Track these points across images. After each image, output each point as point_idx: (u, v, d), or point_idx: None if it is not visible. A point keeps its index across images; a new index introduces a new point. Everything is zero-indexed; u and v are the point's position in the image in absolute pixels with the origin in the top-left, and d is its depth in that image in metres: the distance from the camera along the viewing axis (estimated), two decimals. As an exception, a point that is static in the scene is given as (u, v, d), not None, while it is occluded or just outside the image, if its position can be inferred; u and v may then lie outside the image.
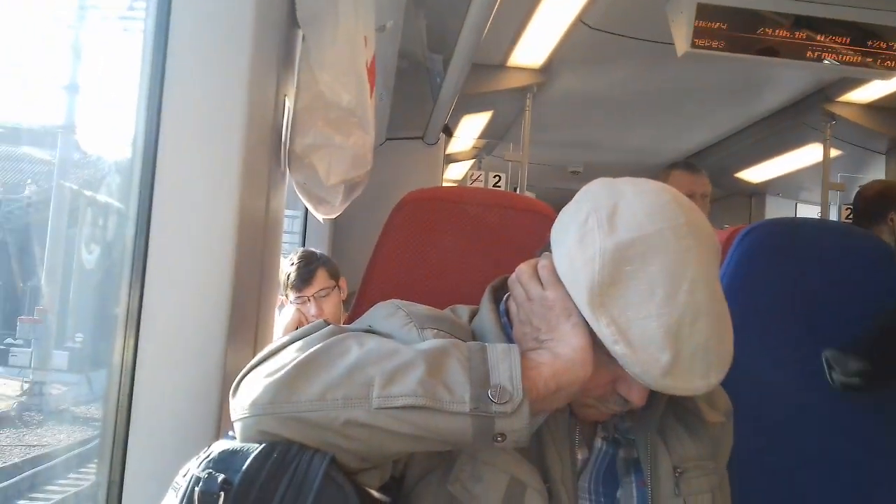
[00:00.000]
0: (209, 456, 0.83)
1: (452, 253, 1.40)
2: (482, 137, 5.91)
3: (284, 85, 1.48)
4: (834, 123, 4.65)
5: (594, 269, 0.89)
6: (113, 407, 1.16)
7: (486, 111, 5.14)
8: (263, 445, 0.82)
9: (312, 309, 2.64)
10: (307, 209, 1.83)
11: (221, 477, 0.80)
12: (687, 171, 2.91)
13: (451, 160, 6.39)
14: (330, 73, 1.44)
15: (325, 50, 1.44)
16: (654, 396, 0.99)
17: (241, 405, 0.85)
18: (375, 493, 0.87)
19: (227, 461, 0.81)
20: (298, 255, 2.72)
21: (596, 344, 0.89)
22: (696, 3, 2.73)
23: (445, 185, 6.01)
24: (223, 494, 0.79)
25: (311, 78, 1.43)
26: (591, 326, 0.88)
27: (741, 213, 7.31)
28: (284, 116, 1.50)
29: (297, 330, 0.93)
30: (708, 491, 1.05)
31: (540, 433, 0.96)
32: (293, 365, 0.84)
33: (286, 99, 1.50)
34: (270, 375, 0.84)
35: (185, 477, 0.82)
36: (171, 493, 0.83)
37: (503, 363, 0.85)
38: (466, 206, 1.44)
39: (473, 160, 6.49)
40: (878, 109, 4.71)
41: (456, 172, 7.14)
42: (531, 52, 4.15)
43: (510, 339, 1.00)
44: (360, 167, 1.63)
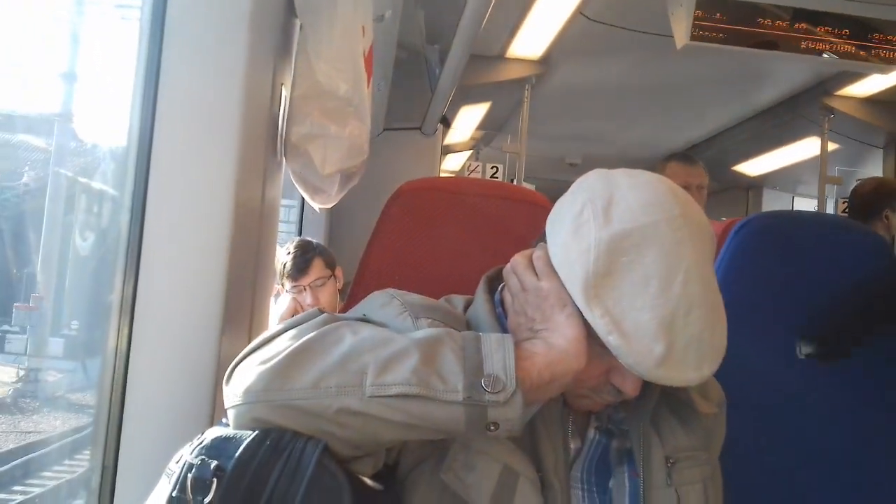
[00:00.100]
0: (202, 442, 0.83)
1: (448, 243, 1.40)
2: (480, 128, 5.90)
3: (281, 74, 1.48)
4: (832, 117, 4.65)
5: (589, 259, 0.89)
6: (107, 393, 1.16)
7: (484, 102, 5.13)
8: (256, 433, 0.82)
9: (308, 298, 2.64)
10: (304, 198, 1.83)
11: (214, 463, 0.80)
12: (683, 162, 2.92)
13: (448, 151, 6.38)
14: (327, 62, 1.43)
15: (322, 39, 1.43)
16: (647, 387, 0.99)
17: (234, 392, 0.85)
18: (368, 480, 0.87)
19: (220, 448, 0.82)
20: (295, 244, 2.72)
21: (590, 335, 0.89)
22: (695, -5, 2.73)
23: (443, 175, 6.00)
24: (216, 481, 0.79)
25: (308, 67, 1.42)
26: (585, 317, 0.89)
27: (738, 205, 7.33)
28: (281, 105, 1.49)
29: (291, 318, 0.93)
30: (700, 481, 1.06)
31: (533, 423, 0.96)
32: (287, 353, 0.84)
33: (283, 88, 1.50)
34: (264, 363, 0.84)
35: (178, 463, 0.83)
36: (164, 479, 0.84)
37: (497, 353, 0.85)
38: (463, 196, 1.43)
39: (471, 151, 6.48)
40: (876, 104, 4.71)
41: (453, 163, 7.14)
42: (530, 43, 4.14)
43: (505, 329, 1.00)
44: (356, 157, 1.63)
